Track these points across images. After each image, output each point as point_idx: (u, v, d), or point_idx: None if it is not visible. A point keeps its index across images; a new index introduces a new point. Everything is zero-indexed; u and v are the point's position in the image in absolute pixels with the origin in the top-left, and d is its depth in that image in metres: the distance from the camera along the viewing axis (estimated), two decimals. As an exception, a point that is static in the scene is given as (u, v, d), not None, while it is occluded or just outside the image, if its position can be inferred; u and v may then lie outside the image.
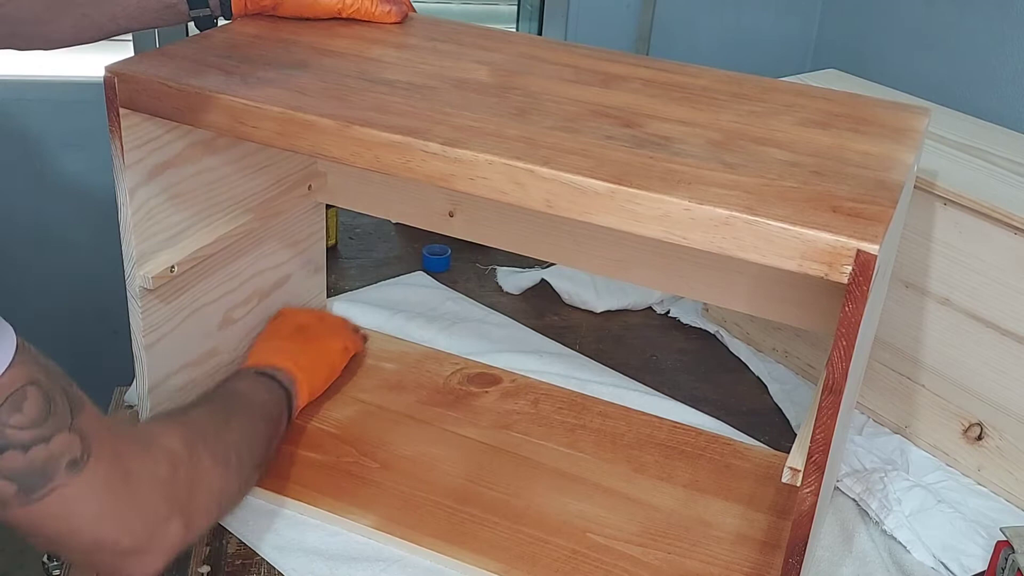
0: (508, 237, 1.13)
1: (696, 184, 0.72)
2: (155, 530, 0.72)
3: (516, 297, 1.41)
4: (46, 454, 0.66)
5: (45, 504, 0.67)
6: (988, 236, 1.00)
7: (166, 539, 0.73)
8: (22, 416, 0.65)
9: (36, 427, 0.66)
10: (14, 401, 0.65)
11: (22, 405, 0.65)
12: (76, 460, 0.68)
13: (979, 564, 0.97)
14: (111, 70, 0.87)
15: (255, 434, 0.92)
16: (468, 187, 0.76)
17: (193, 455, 0.78)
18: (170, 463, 0.75)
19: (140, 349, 0.98)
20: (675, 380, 1.25)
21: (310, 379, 1.07)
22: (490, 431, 1.10)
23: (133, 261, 0.94)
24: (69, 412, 0.68)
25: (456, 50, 0.98)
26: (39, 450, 0.66)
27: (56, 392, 0.68)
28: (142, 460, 0.73)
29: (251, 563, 0.93)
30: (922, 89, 1.25)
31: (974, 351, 1.05)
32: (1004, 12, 1.47)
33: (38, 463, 0.66)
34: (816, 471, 0.73)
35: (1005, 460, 1.06)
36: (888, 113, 0.90)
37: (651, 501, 1.02)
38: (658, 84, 0.92)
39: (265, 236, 1.12)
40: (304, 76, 0.88)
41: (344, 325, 1.21)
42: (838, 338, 0.68)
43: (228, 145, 1.01)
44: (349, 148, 0.79)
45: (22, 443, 0.65)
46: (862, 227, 0.67)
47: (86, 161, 1.89)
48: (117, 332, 1.07)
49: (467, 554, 0.94)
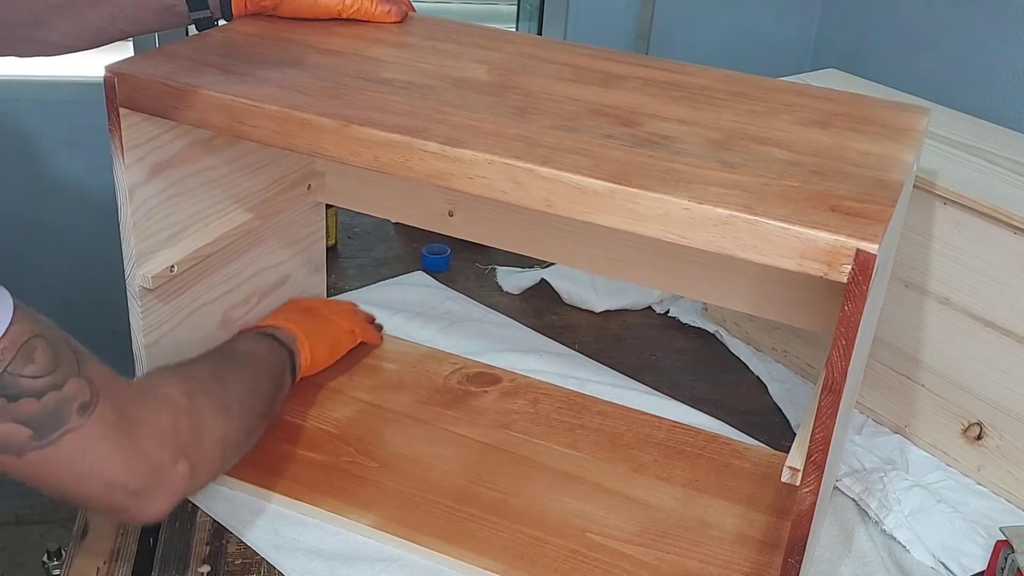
0: (508, 237, 1.13)
1: (696, 184, 0.72)
2: (161, 472, 0.75)
3: (516, 297, 1.41)
4: (58, 399, 0.69)
5: (58, 447, 0.69)
6: (988, 236, 1.00)
7: (173, 481, 0.76)
8: (35, 366, 0.68)
9: (48, 375, 0.69)
10: (25, 352, 0.68)
11: (33, 355, 0.68)
12: (87, 403, 0.70)
13: (979, 564, 0.97)
14: (111, 70, 0.87)
15: (256, 386, 0.93)
16: (467, 186, 0.76)
17: (193, 404, 0.80)
18: (171, 410, 0.77)
19: (140, 349, 0.98)
20: (674, 380, 1.25)
21: (313, 345, 1.07)
22: (489, 431, 1.10)
23: (133, 261, 0.94)
24: (75, 360, 0.71)
25: (455, 49, 0.98)
26: (52, 396, 0.69)
27: (61, 343, 0.71)
28: (145, 407, 0.76)
29: (251, 563, 0.93)
30: (922, 89, 1.25)
31: (974, 351, 1.05)
32: (1004, 12, 1.47)
33: (51, 407, 0.69)
34: (815, 471, 0.73)
35: (1005, 460, 1.06)
36: (888, 113, 0.90)
37: (650, 501, 1.02)
38: (658, 83, 0.92)
39: (265, 235, 1.12)
40: (303, 75, 0.88)
41: (354, 311, 1.21)
42: (837, 337, 0.68)
43: (227, 144, 1.01)
44: (348, 147, 0.79)
45: (36, 390, 0.68)
46: (862, 226, 0.67)
47: (85, 161, 1.89)
48: (117, 332, 1.07)
49: (467, 554, 0.94)
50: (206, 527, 0.96)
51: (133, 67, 0.88)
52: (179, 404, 0.79)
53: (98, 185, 1.77)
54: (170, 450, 0.76)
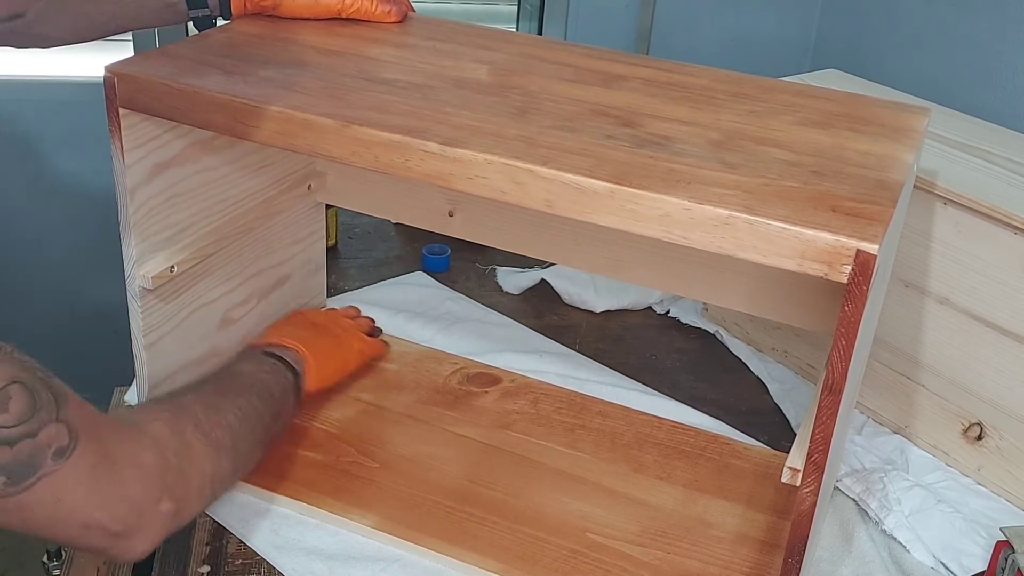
0: (508, 237, 1.13)
1: (696, 184, 0.72)
2: (143, 513, 0.74)
3: (516, 297, 1.41)
4: (32, 446, 0.68)
5: (32, 492, 0.68)
6: (988, 236, 1.00)
7: (156, 521, 0.75)
8: (8, 415, 0.67)
9: (23, 423, 0.67)
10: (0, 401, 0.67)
11: (7, 404, 0.67)
12: (63, 448, 0.69)
13: (979, 564, 0.97)
14: (111, 70, 0.87)
15: (254, 414, 0.91)
16: (467, 187, 0.76)
17: (182, 440, 0.79)
18: (157, 448, 0.76)
19: (140, 349, 0.98)
20: (674, 380, 1.25)
21: (320, 364, 1.05)
22: (490, 431, 1.10)
23: (133, 261, 0.94)
24: (55, 404, 0.69)
25: (455, 49, 0.98)
26: (26, 443, 0.67)
27: (39, 386, 0.69)
28: (128, 446, 0.74)
29: (251, 563, 0.93)
30: (922, 89, 1.25)
31: (974, 351, 1.05)
32: (1003, 12, 1.47)
33: (24, 455, 0.67)
34: (816, 471, 0.72)
35: (1005, 460, 1.06)
36: (888, 113, 0.90)
37: (650, 501, 1.02)
38: (658, 84, 0.92)
39: (265, 236, 1.12)
40: (303, 75, 0.88)
41: (357, 323, 1.18)
42: (838, 338, 0.68)
43: (228, 145, 1.01)
44: (348, 147, 0.79)
45: (8, 439, 0.67)
46: (862, 227, 0.67)
47: (85, 161, 1.89)
48: (117, 332, 1.07)
49: (467, 554, 0.94)
50: (206, 527, 0.97)
51: (133, 67, 0.88)
52: (166, 441, 0.77)
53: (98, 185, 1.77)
54: (153, 490, 0.74)
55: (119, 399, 1.15)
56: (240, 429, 0.87)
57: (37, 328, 1.97)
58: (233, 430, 0.86)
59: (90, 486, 0.70)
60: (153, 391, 1.01)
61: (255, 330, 1.14)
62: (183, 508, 0.77)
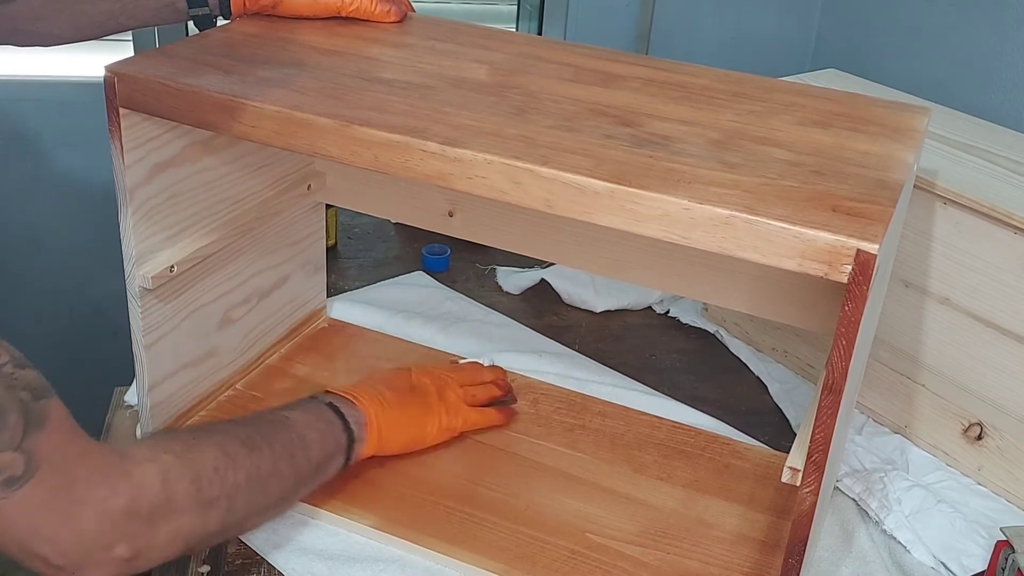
0: (507, 237, 1.13)
1: (696, 184, 0.72)
2: (91, 553, 0.71)
3: (515, 297, 1.41)
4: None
5: None
6: (988, 236, 1.00)
7: (103, 565, 0.72)
8: None
9: None
10: None
11: None
12: (15, 478, 0.67)
13: (979, 564, 0.97)
14: (111, 70, 0.87)
15: (273, 478, 0.86)
16: (467, 186, 0.76)
17: (168, 491, 0.75)
18: (131, 495, 0.73)
19: (140, 349, 0.98)
20: (674, 380, 1.25)
21: (386, 435, 0.98)
22: (490, 431, 1.10)
23: (133, 261, 0.94)
24: (21, 432, 0.68)
25: (455, 49, 0.98)
26: None
27: (11, 411, 0.67)
28: (98, 489, 0.72)
29: (251, 563, 0.93)
30: (922, 89, 1.25)
31: (974, 351, 1.05)
32: (1004, 12, 1.47)
33: None
34: (816, 471, 0.72)
35: (1005, 460, 1.06)
36: (888, 113, 0.90)
37: (651, 501, 1.02)
38: (658, 83, 0.92)
39: (264, 236, 1.12)
40: (303, 75, 0.88)
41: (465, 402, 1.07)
42: (838, 338, 0.68)
43: (227, 145, 1.01)
44: (348, 147, 0.79)
45: None
46: (862, 226, 0.67)
47: (85, 161, 1.89)
48: (117, 332, 1.07)
49: (467, 554, 0.94)
50: (206, 527, 0.96)
51: (133, 67, 0.88)
52: (147, 488, 0.74)
53: (98, 185, 1.77)
54: (110, 534, 0.72)
55: (119, 399, 1.15)
56: (248, 489, 0.83)
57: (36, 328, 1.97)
58: (238, 492, 0.82)
59: (40, 519, 0.69)
60: (153, 391, 1.01)
61: (255, 330, 1.14)
62: (140, 556, 0.74)
